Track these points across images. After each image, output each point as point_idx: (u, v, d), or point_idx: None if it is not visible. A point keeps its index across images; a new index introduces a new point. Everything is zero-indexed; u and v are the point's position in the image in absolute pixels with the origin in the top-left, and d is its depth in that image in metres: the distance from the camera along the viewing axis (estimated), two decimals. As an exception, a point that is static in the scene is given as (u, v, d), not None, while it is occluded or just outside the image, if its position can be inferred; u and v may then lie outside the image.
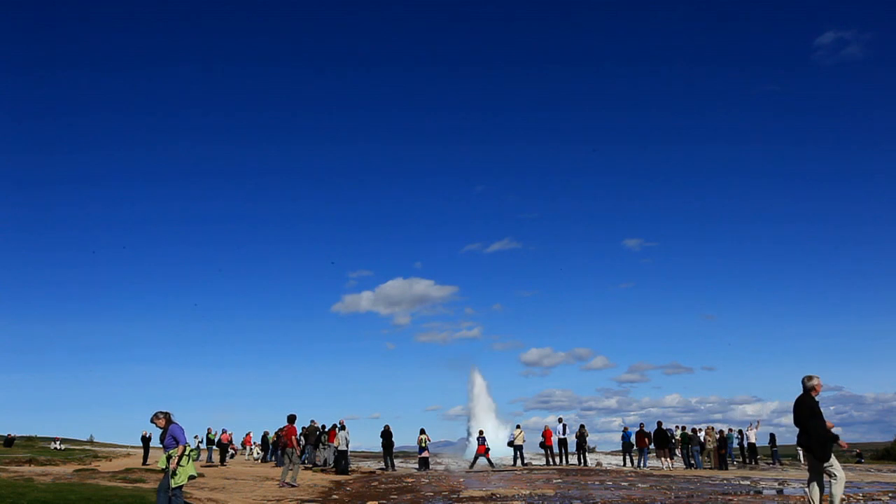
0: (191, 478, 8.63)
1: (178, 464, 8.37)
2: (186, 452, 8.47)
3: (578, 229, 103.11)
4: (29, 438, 45.10)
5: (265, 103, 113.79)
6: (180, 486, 8.44)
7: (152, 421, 8.80)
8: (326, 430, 23.92)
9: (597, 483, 15.30)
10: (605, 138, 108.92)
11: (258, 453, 33.56)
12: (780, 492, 13.83)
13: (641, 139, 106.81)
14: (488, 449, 23.92)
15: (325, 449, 23.33)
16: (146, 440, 26.21)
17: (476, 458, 23.86)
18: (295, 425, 16.76)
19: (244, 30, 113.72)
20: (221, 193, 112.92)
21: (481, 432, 24.45)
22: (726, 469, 22.81)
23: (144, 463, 23.31)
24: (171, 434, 8.60)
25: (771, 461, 27.79)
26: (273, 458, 26.48)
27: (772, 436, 28.93)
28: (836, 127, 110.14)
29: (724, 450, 24.03)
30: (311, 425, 24.54)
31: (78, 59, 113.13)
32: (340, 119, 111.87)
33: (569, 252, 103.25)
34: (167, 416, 8.79)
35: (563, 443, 24.63)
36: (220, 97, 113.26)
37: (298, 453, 16.83)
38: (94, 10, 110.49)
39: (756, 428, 27.47)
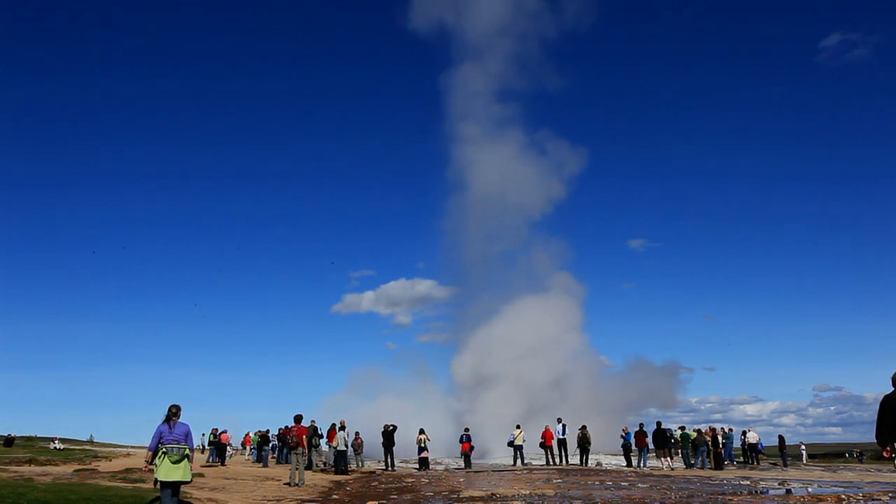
0: (178, 483, 8.73)
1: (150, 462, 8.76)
2: (161, 452, 8.63)
3: (583, 229, 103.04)
4: (29, 438, 45.10)
5: (266, 102, 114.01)
6: (162, 483, 8.63)
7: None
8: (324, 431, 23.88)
9: (597, 483, 15.29)
10: (610, 139, 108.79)
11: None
12: (787, 492, 13.82)
13: (646, 140, 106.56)
14: (473, 447, 24.15)
15: (328, 448, 23.30)
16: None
17: (465, 456, 23.96)
18: (304, 425, 16.74)
19: (245, 29, 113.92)
20: (222, 193, 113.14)
21: (466, 430, 24.63)
22: (725, 469, 22.82)
23: (145, 463, 23.25)
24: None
25: (780, 463, 27.55)
26: (271, 459, 26.34)
27: (780, 438, 28.56)
28: (839, 128, 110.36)
29: (723, 450, 24.01)
30: (310, 425, 24.48)
31: (78, 59, 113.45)
32: (342, 118, 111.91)
33: (572, 252, 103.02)
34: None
35: (562, 443, 24.63)
36: (220, 97, 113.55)
37: (306, 453, 16.82)
38: (92, 11, 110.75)
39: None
